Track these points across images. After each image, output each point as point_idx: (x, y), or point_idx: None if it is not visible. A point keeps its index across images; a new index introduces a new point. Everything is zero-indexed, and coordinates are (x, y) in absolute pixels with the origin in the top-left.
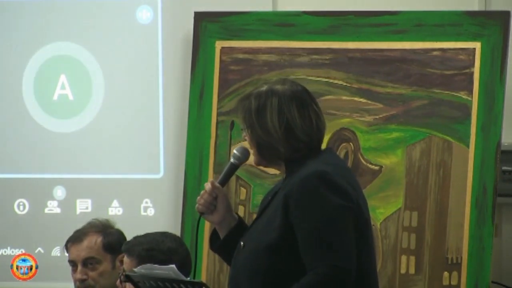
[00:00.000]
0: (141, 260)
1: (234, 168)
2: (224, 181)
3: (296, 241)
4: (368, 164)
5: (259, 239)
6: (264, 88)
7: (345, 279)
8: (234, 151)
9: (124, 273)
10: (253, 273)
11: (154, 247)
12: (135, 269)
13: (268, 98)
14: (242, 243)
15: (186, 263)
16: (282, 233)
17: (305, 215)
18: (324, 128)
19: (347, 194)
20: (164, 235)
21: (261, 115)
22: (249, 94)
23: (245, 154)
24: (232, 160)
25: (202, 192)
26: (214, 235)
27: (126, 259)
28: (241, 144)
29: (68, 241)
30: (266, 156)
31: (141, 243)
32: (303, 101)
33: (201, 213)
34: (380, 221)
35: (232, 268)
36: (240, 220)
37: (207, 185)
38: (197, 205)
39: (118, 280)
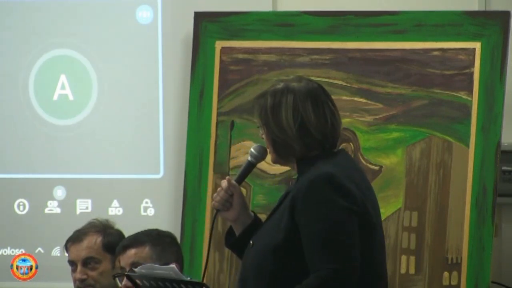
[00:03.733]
0: (153, 244)
1: (251, 166)
2: (241, 179)
3: (301, 242)
4: (368, 164)
5: (266, 239)
6: (280, 85)
7: (345, 282)
8: (252, 149)
9: (124, 273)
10: (259, 272)
11: (159, 232)
12: (135, 269)
13: (283, 95)
14: (251, 242)
15: (182, 258)
16: (288, 234)
17: (310, 217)
18: (339, 126)
19: (353, 197)
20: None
21: (276, 112)
22: (265, 92)
23: (262, 152)
24: (249, 158)
25: (218, 189)
26: (229, 233)
27: (135, 251)
28: (253, 143)
29: (68, 241)
30: (281, 153)
31: (144, 233)
32: (318, 98)
33: (217, 210)
34: None
35: (242, 266)
36: (256, 219)
37: (223, 182)
38: (213, 202)
39: (125, 280)
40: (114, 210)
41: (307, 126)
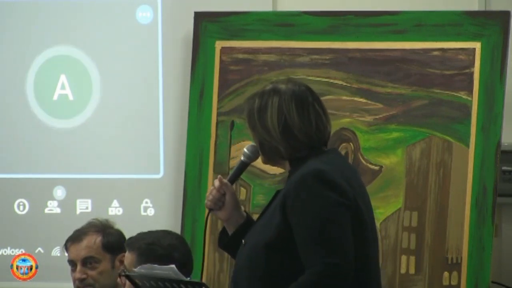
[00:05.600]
0: (140, 254)
1: (244, 166)
2: (233, 179)
3: (293, 239)
4: (368, 164)
5: (258, 237)
6: (269, 87)
7: (342, 276)
8: (244, 149)
9: (124, 273)
10: (251, 271)
11: (155, 241)
12: (135, 269)
13: (270, 97)
14: (244, 241)
15: (187, 263)
16: (279, 232)
17: (301, 213)
18: (326, 128)
19: (343, 191)
20: (167, 232)
21: (262, 115)
22: (255, 94)
23: (255, 152)
24: (242, 158)
25: (211, 188)
26: (223, 232)
27: (127, 254)
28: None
29: (67, 241)
30: (268, 155)
31: (143, 238)
32: (303, 101)
33: (210, 209)
34: (380, 221)
35: (235, 265)
36: (248, 218)
37: (216, 182)
38: (205, 200)
39: (118, 277)
40: (114, 210)
41: (291, 128)
